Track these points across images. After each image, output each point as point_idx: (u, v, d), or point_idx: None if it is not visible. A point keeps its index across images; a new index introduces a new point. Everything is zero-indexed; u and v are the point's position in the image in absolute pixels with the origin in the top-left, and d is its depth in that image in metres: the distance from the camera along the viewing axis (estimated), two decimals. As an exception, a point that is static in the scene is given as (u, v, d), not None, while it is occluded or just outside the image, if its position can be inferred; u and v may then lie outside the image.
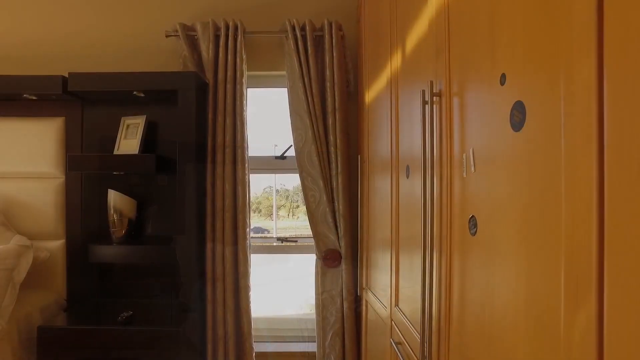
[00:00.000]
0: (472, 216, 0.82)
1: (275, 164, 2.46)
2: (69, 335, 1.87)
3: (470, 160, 0.82)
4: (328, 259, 2.22)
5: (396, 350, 1.38)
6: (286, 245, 2.51)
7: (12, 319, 1.88)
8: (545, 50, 0.57)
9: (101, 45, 2.40)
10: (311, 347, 2.41)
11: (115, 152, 2.18)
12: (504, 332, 0.68)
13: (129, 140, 2.19)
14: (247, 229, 2.19)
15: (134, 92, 2.12)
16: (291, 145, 2.25)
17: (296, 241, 2.51)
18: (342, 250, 2.21)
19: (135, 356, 1.87)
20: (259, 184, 4.71)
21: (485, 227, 0.77)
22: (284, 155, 2.44)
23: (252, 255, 2.28)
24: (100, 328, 1.87)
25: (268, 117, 2.79)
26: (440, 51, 0.98)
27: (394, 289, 1.53)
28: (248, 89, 2.27)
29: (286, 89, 2.24)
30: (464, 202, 0.87)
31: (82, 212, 2.27)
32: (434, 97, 0.98)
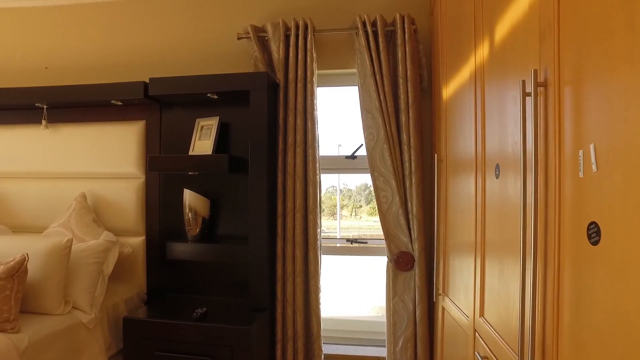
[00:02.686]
0: (594, 223, 0.71)
1: (345, 163, 2.42)
2: (150, 327, 1.96)
3: (590, 157, 0.71)
4: (400, 262, 2.13)
5: (483, 364, 1.28)
6: (356, 246, 2.45)
7: (102, 309, 2.03)
8: None
9: (177, 51, 2.51)
10: (381, 351, 2.34)
11: (191, 152, 2.26)
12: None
13: (203, 141, 2.25)
14: (318, 230, 2.17)
15: (208, 95, 2.18)
16: (362, 145, 2.19)
17: (366, 242, 2.45)
18: (415, 253, 2.11)
19: (208, 351, 1.91)
20: (322, 184, 4.70)
21: (612, 237, 0.66)
22: (355, 154, 2.39)
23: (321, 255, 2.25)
24: (177, 322, 1.94)
25: (331, 117, 2.76)
26: (545, 35, 0.87)
27: (478, 297, 1.42)
28: (317, 88, 2.25)
29: (356, 87, 2.19)
30: (580, 206, 0.76)
31: (160, 210, 2.38)
32: (538, 88, 0.88)
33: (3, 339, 1.56)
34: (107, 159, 2.40)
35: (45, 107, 2.41)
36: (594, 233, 0.71)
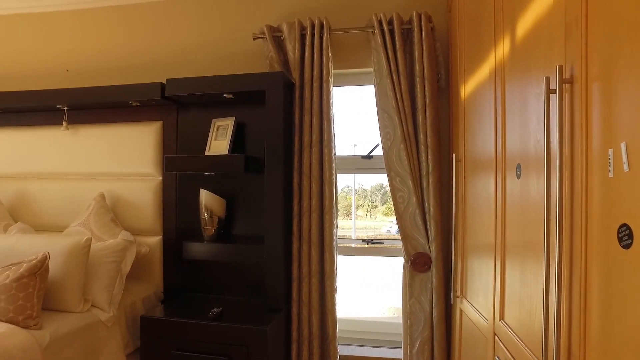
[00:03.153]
0: (625, 225, 0.68)
1: (361, 163, 2.40)
2: (167, 326, 1.98)
3: (622, 157, 0.68)
4: (417, 263, 2.10)
5: (503, 369, 1.25)
6: (372, 247, 2.43)
7: (120, 307, 2.05)
8: None
9: (193, 52, 2.52)
10: (397, 353, 2.32)
11: (207, 152, 2.27)
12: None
13: (219, 141, 2.26)
14: (334, 230, 2.16)
15: (224, 95, 2.19)
16: (378, 144, 2.17)
17: (382, 243, 2.43)
18: (433, 254, 2.08)
19: (224, 351, 1.91)
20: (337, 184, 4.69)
21: (646, 239, 0.63)
22: (371, 154, 2.37)
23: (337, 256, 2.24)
24: (194, 322, 1.95)
25: (347, 116, 2.74)
26: (572, 29, 0.84)
27: (497, 300, 1.38)
28: (333, 88, 2.23)
29: (372, 86, 2.17)
30: (610, 207, 0.73)
31: (177, 210, 2.40)
32: (564, 85, 0.85)
33: (26, 335, 1.59)
34: (124, 160, 2.42)
35: (65, 108, 2.46)
36: (625, 236, 0.68)
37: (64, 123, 2.45)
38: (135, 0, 2.58)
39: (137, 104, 2.38)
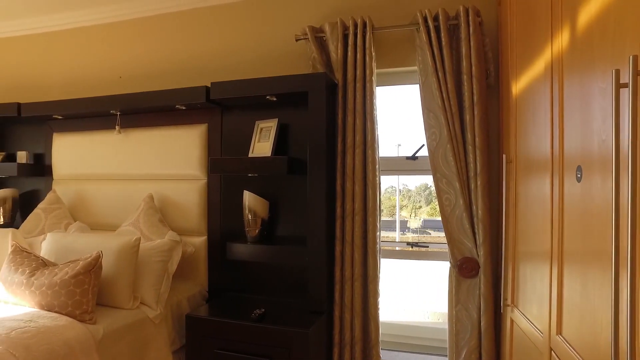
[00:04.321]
0: None
1: (405, 164, 2.33)
2: (211, 326, 2.01)
3: None
4: (464, 268, 2.01)
5: (563, 386, 1.16)
6: (416, 250, 2.36)
7: (167, 305, 2.11)
8: None
9: (237, 55, 2.56)
10: (442, 362, 2.24)
11: (250, 154, 2.29)
12: None
13: (262, 143, 2.28)
14: (377, 233, 2.11)
15: (267, 97, 2.20)
16: (423, 145, 2.10)
17: (427, 246, 2.35)
18: (481, 260, 1.98)
19: (266, 352, 1.92)
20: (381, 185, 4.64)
21: None
22: (415, 155, 2.30)
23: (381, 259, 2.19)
24: (237, 322, 1.97)
25: (390, 116, 2.68)
26: (647, 17, 0.76)
27: (554, 312, 1.29)
28: (376, 87, 2.19)
29: (417, 85, 2.10)
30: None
31: (221, 211, 2.44)
32: (639, 77, 0.77)
33: (83, 328, 1.67)
34: (172, 161, 2.50)
35: (118, 113, 2.57)
36: None
37: (117, 127, 2.56)
38: (180, 9, 2.66)
39: (184, 108, 2.45)
